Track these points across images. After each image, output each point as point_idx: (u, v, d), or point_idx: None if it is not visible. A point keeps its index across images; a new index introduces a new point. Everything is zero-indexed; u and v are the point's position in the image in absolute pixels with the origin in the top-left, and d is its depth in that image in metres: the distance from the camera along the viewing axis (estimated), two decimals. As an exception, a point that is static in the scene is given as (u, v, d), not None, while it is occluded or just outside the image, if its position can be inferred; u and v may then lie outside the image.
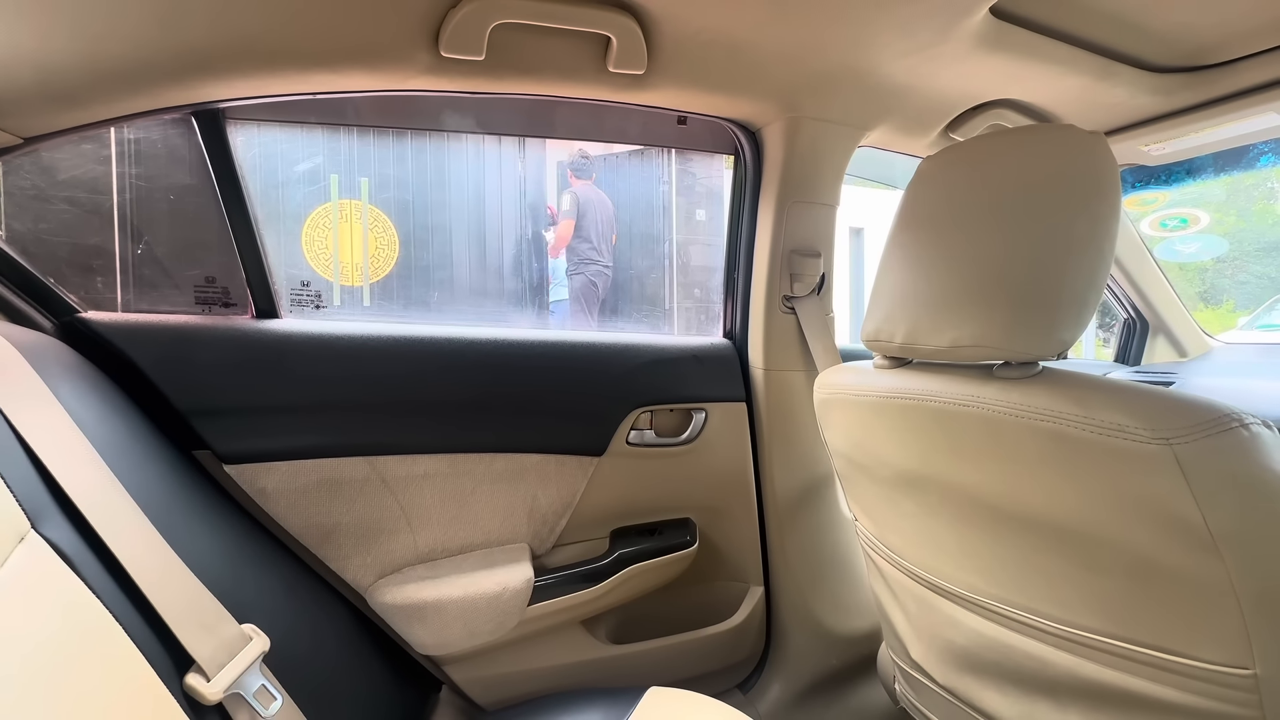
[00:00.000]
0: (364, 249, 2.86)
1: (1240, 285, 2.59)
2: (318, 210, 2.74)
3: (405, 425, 0.99)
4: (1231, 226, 2.47)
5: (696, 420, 1.16)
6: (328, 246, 2.75)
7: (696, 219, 3.34)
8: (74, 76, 0.74)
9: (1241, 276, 2.61)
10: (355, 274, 2.86)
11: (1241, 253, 2.56)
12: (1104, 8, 0.86)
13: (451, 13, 0.74)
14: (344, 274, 2.84)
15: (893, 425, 0.69)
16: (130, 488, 0.67)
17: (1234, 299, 2.59)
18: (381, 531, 0.98)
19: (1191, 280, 2.43)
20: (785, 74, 0.93)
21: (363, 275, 2.85)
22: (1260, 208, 2.50)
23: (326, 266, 2.76)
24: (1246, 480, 0.47)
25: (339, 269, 2.79)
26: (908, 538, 0.75)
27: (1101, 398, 0.52)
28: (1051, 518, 0.56)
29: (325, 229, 2.75)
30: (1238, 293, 2.58)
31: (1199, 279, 2.53)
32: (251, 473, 0.91)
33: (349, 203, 2.81)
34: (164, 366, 0.88)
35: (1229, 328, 2.50)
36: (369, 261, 2.87)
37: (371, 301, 2.88)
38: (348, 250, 2.81)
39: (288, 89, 0.84)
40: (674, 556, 1.12)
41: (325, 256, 2.75)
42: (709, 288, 3.28)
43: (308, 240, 2.70)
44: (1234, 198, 2.39)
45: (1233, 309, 2.58)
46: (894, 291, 0.68)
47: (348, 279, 2.84)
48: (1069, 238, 0.56)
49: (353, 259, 2.86)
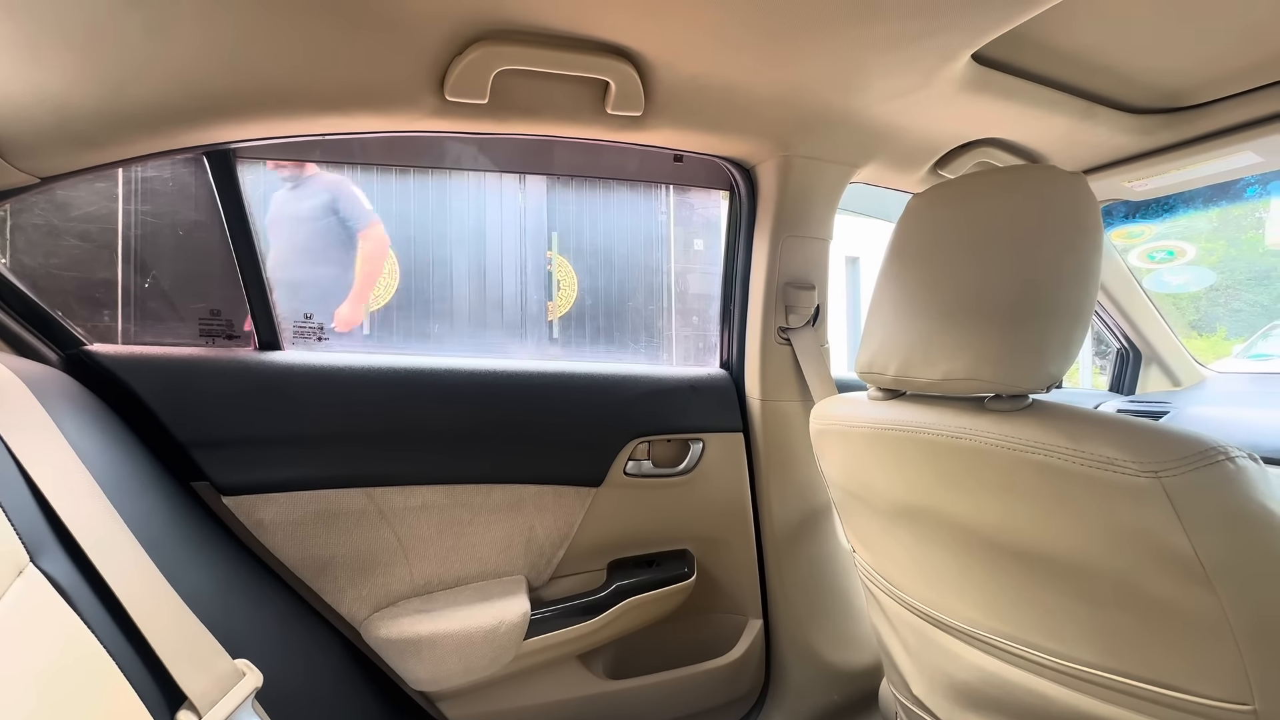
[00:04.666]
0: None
1: (1234, 313, 2.62)
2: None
3: (404, 456, 0.99)
4: (1222, 255, 2.51)
5: (694, 451, 1.16)
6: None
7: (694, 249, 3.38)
8: (93, 120, 0.77)
9: (1235, 304, 2.64)
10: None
11: (1234, 281, 2.59)
12: (1083, 53, 0.89)
13: (457, 59, 0.78)
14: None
15: (887, 457, 0.69)
16: (129, 520, 0.67)
17: (1227, 327, 2.61)
18: (378, 564, 0.98)
19: (1185, 309, 2.46)
20: (777, 115, 0.96)
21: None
22: (1250, 236, 2.54)
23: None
24: (1235, 513, 0.48)
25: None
26: (905, 569, 0.74)
27: (1090, 430, 0.53)
28: (1047, 550, 0.57)
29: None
30: (1231, 320, 2.60)
31: (1192, 308, 2.55)
32: (249, 504, 0.91)
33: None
34: (166, 398, 0.89)
35: (1223, 355, 2.52)
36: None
37: (371, 330, 2.90)
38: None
39: (299, 130, 0.87)
40: (672, 589, 1.11)
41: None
42: (706, 316, 3.30)
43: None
44: (1224, 227, 2.43)
45: (1226, 336, 2.60)
46: (886, 324, 0.70)
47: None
48: (1054, 276, 0.58)
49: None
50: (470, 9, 0.70)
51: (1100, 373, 1.66)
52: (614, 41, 0.78)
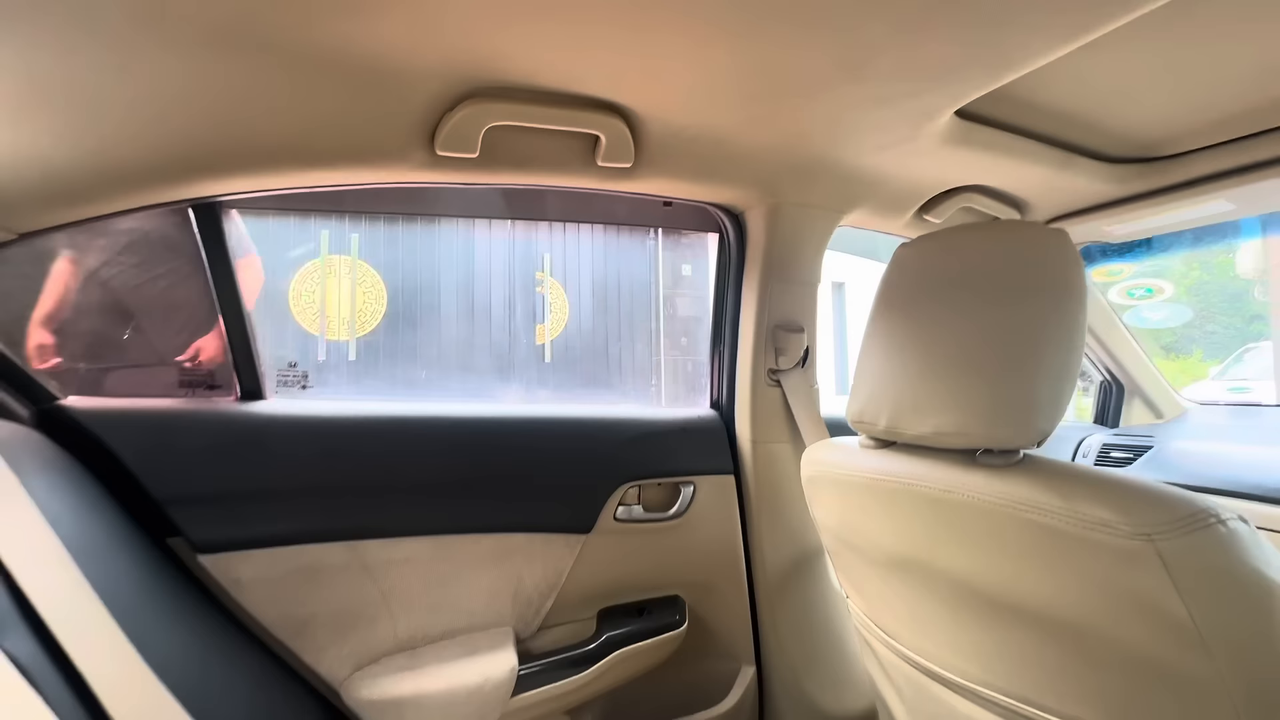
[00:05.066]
0: (352, 304, 2.87)
1: (1208, 335, 2.68)
2: (307, 266, 2.76)
3: (388, 508, 0.97)
4: (1197, 279, 2.57)
5: (685, 494, 1.15)
6: (315, 302, 2.76)
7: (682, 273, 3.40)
8: (74, 177, 0.76)
9: (1209, 327, 2.70)
10: (342, 329, 2.86)
11: (1208, 304, 2.66)
12: (1061, 108, 0.92)
13: (448, 115, 0.78)
14: (330, 329, 2.84)
15: (879, 507, 0.69)
16: (99, 586, 0.65)
17: (1203, 349, 2.67)
18: (360, 620, 0.95)
19: (1161, 333, 2.51)
20: (765, 165, 0.97)
21: (350, 330, 2.85)
22: (1223, 260, 2.61)
23: (313, 321, 2.76)
24: (1229, 577, 0.48)
25: (325, 324, 2.79)
26: (900, 619, 0.74)
27: (1082, 490, 0.53)
28: (1043, 609, 0.56)
29: (314, 284, 2.76)
30: (1206, 343, 2.66)
31: (1169, 331, 2.61)
32: (226, 563, 0.88)
33: (338, 259, 2.84)
34: (143, 454, 0.87)
35: (1200, 378, 2.57)
36: (356, 315, 2.88)
37: (357, 356, 2.86)
38: (335, 305, 2.82)
39: (286, 184, 0.86)
40: (663, 638, 1.09)
41: (313, 311, 2.76)
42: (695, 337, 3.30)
43: (295, 295, 2.71)
44: (1199, 251, 2.50)
45: (1202, 358, 2.65)
46: (876, 375, 0.70)
47: (334, 334, 2.84)
48: (1042, 333, 0.58)
49: (339, 314, 2.86)
50: (461, 68, 0.70)
51: (1084, 394, 1.68)
52: (604, 98, 0.78)
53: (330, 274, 2.82)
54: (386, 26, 0.61)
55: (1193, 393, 1.63)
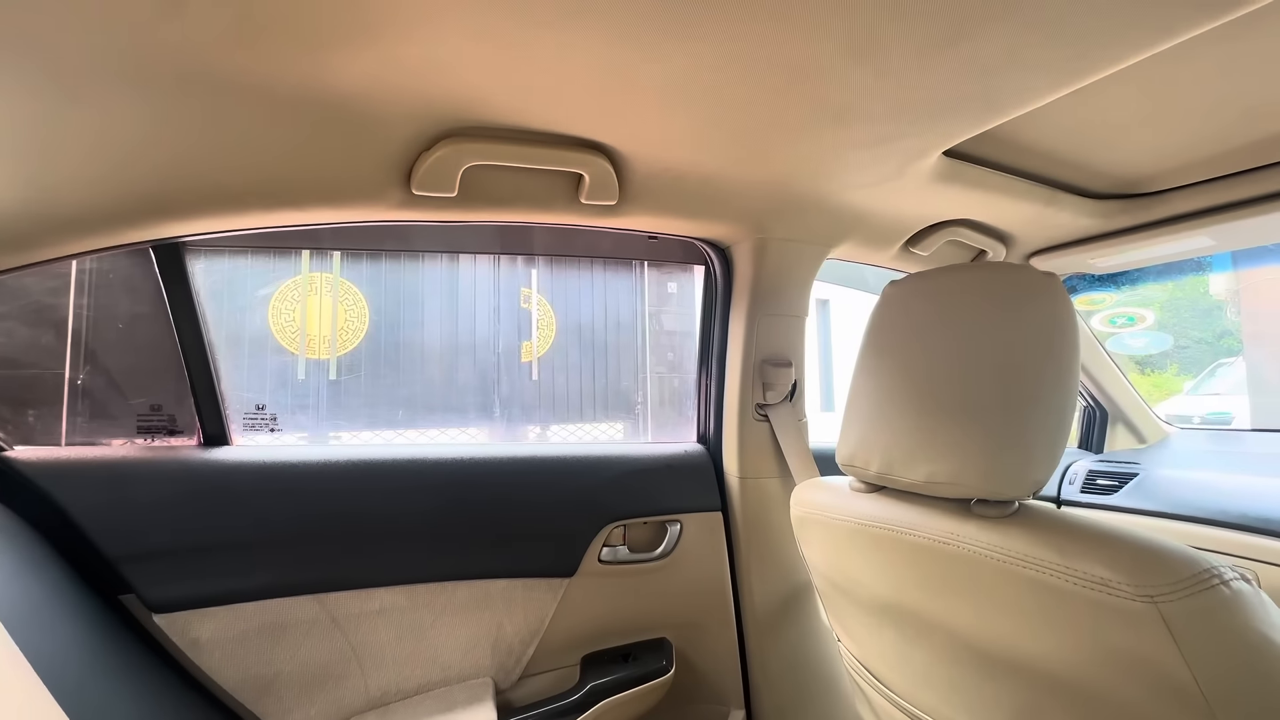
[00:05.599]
0: (333, 323, 2.80)
1: (1181, 350, 2.74)
2: (286, 284, 2.70)
3: (359, 557, 0.93)
4: (1171, 294, 2.63)
5: (671, 533, 1.12)
6: (295, 320, 2.69)
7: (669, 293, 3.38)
8: (23, 221, 0.72)
9: (1182, 342, 2.76)
10: (323, 347, 2.79)
11: (1180, 320, 2.71)
12: (1047, 147, 0.92)
13: (424, 155, 0.75)
14: (310, 347, 2.77)
15: (870, 553, 0.67)
16: (37, 654, 0.60)
17: (1177, 364, 2.72)
18: (329, 677, 0.90)
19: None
20: (751, 202, 0.96)
21: (330, 348, 2.79)
22: (1196, 280, 2.67)
23: (293, 341, 2.69)
24: (1236, 641, 0.46)
25: (305, 342, 2.72)
26: (892, 666, 0.71)
27: (1080, 546, 0.51)
28: (1040, 666, 0.55)
29: (293, 302, 2.69)
30: (1180, 358, 2.72)
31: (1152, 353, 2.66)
32: (184, 622, 0.83)
33: (318, 276, 2.78)
34: (94, 507, 0.81)
35: (1175, 392, 2.61)
36: (337, 334, 2.81)
37: (338, 375, 2.80)
38: (315, 323, 2.76)
39: (253, 224, 0.82)
40: (650, 685, 1.05)
41: (292, 330, 2.69)
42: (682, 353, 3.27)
43: (274, 313, 2.64)
44: (1182, 277, 2.56)
45: (1176, 373, 2.71)
46: (867, 417, 0.68)
47: (314, 352, 2.77)
48: (1036, 380, 0.57)
49: (321, 332, 2.80)
50: (437, 108, 0.67)
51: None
52: (587, 137, 0.76)
53: (311, 291, 2.75)
54: (358, 67, 0.58)
55: (1169, 408, 1.64)
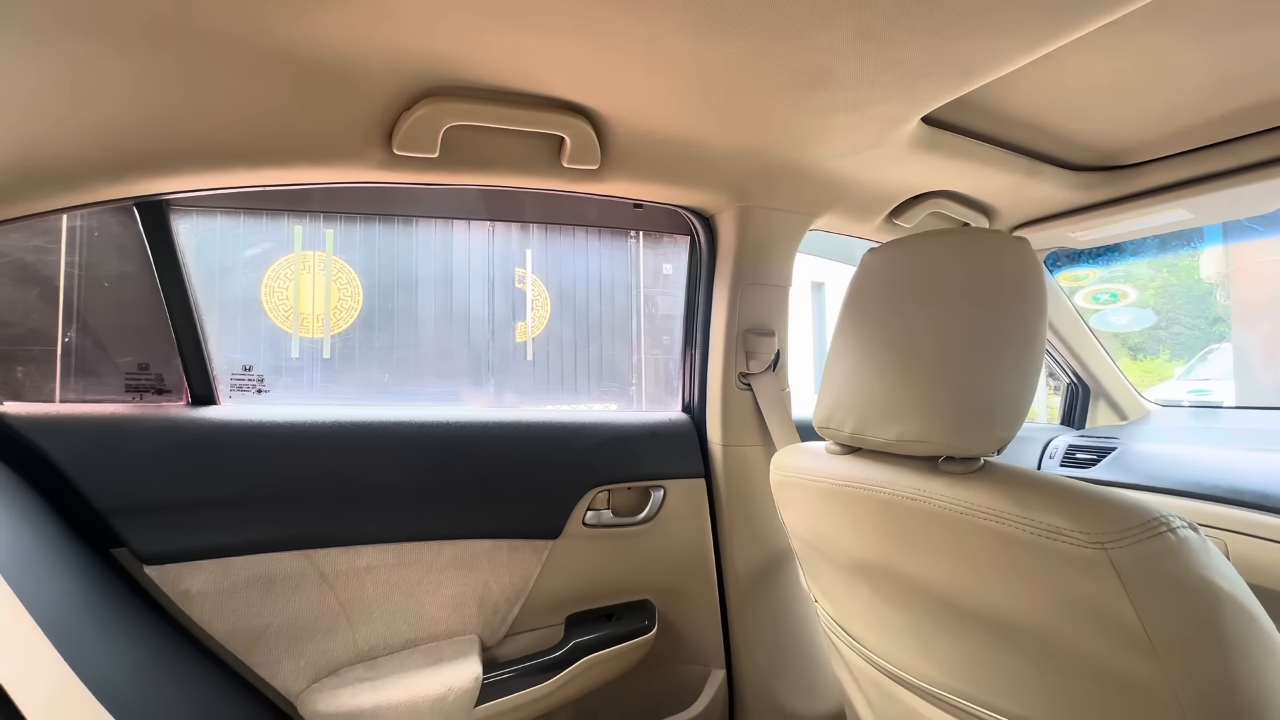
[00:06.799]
0: (326, 301, 2.80)
1: (1175, 336, 2.75)
2: (279, 261, 2.69)
3: (348, 515, 0.95)
4: (1164, 282, 2.63)
5: (655, 498, 1.14)
6: (288, 298, 2.69)
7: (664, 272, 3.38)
8: (4, 175, 0.72)
9: (1175, 328, 2.77)
10: (317, 326, 2.80)
11: (1174, 307, 2.72)
12: (1026, 117, 0.93)
13: (405, 114, 0.75)
14: (304, 326, 2.77)
15: (845, 512, 0.69)
16: (33, 601, 0.62)
17: (1169, 349, 2.74)
18: (317, 631, 0.93)
19: (1128, 334, 2.57)
20: (734, 169, 0.96)
21: (324, 327, 2.79)
22: (1189, 264, 2.68)
23: (286, 318, 2.69)
24: (1179, 585, 0.49)
25: (299, 321, 2.72)
26: (867, 624, 0.74)
27: (1039, 498, 0.53)
28: (1004, 616, 0.57)
29: (286, 279, 2.69)
30: (1172, 343, 2.74)
31: (1137, 331, 2.67)
32: (175, 574, 0.85)
33: (312, 254, 2.77)
34: (85, 461, 0.83)
35: (1166, 378, 2.63)
36: (331, 313, 2.81)
37: (332, 354, 2.80)
38: (309, 301, 2.76)
39: (235, 182, 0.83)
40: (632, 644, 1.08)
41: (286, 308, 2.69)
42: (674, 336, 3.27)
43: (267, 291, 2.64)
44: (1165, 256, 2.56)
45: (1169, 358, 2.72)
46: (842, 381, 0.70)
47: (308, 331, 2.78)
48: (1002, 343, 0.58)
49: (314, 310, 2.80)
50: (418, 65, 0.68)
51: (1054, 393, 1.72)
52: (568, 99, 0.77)
53: (304, 269, 2.75)
54: (337, 22, 0.59)
55: (1158, 393, 1.67)
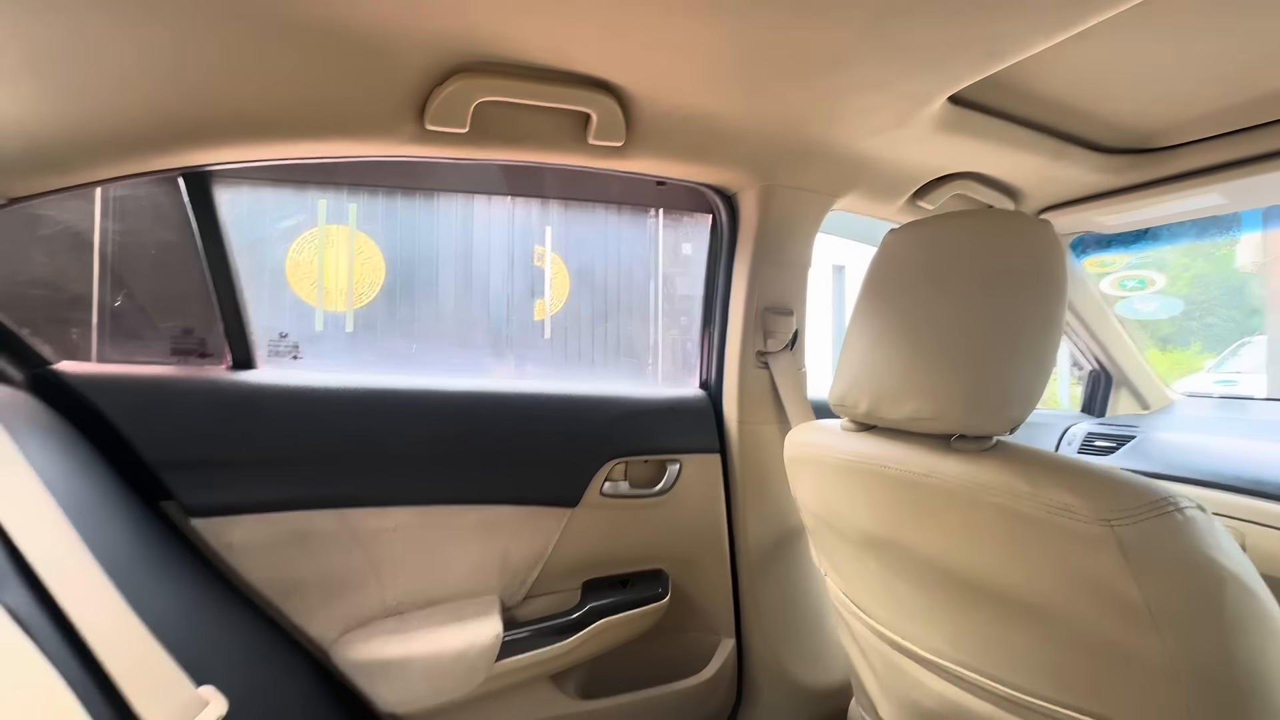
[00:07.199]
0: (349, 275, 2.86)
1: (1207, 328, 2.66)
2: (304, 235, 2.75)
3: (377, 477, 0.99)
4: (1198, 271, 2.55)
5: (671, 471, 1.17)
6: (312, 271, 2.75)
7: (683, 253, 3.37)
8: (62, 144, 0.76)
9: (1209, 320, 2.68)
10: (340, 299, 2.86)
11: (1208, 296, 2.64)
12: (1056, 97, 0.91)
13: (437, 90, 0.77)
14: (328, 299, 2.84)
15: (858, 488, 0.71)
16: (93, 546, 0.67)
17: (1201, 341, 2.65)
18: (348, 585, 0.98)
19: (1159, 324, 2.51)
20: (758, 147, 0.97)
21: (347, 301, 2.85)
22: (1225, 253, 2.59)
23: (310, 292, 2.75)
24: (1182, 563, 0.50)
25: (323, 294, 2.79)
26: (875, 597, 0.76)
27: (1049, 476, 0.54)
28: (1010, 591, 0.58)
29: (311, 254, 2.75)
30: (1205, 335, 2.65)
31: (1168, 323, 2.60)
32: (218, 526, 0.91)
33: (336, 228, 2.82)
34: (135, 418, 0.88)
35: (1196, 370, 2.55)
36: (354, 287, 2.87)
37: (354, 328, 2.87)
38: (332, 276, 2.82)
39: (275, 154, 0.86)
40: (646, 609, 1.12)
41: (310, 282, 2.75)
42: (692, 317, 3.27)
43: (291, 265, 2.70)
44: (1201, 243, 2.48)
45: (1200, 351, 2.64)
46: (859, 359, 0.71)
47: (331, 304, 2.84)
48: (1020, 322, 0.59)
49: (337, 284, 2.86)
50: (450, 41, 0.70)
51: (1077, 383, 1.70)
52: (595, 75, 0.78)
53: (328, 244, 2.80)
54: None
55: (1184, 386, 1.64)
